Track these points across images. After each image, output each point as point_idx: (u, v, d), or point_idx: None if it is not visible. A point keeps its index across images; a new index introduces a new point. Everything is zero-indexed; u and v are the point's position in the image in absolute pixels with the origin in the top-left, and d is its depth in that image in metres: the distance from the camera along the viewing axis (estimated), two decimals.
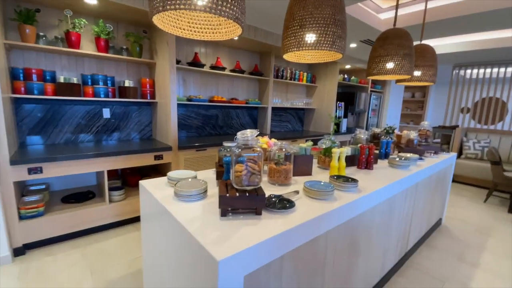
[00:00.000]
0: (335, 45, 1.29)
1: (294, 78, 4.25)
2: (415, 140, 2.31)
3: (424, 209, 2.25)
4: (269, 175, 1.39)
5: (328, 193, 1.18)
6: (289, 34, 1.35)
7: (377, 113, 5.59)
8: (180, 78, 3.15)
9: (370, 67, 2.13)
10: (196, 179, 1.19)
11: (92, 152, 2.13)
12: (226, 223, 0.91)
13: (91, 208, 2.27)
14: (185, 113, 3.27)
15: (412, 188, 1.88)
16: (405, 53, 1.99)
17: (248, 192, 0.97)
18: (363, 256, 1.48)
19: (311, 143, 1.86)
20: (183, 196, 1.07)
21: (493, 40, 3.72)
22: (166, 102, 2.60)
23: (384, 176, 1.65)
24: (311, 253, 1.06)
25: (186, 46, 3.13)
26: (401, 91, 6.04)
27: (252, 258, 0.79)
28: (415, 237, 2.20)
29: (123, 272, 1.82)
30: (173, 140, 2.61)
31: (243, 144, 1.00)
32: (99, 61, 2.59)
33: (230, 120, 3.77)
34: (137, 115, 2.89)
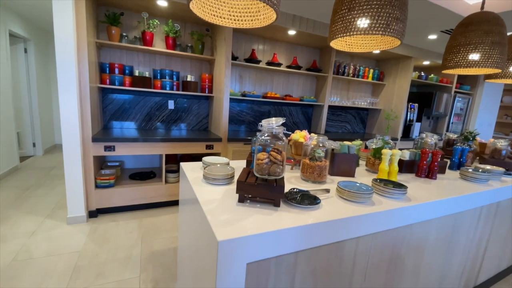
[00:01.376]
0: (390, 29, 1.12)
1: (357, 75, 3.91)
2: (504, 150, 1.84)
3: (508, 237, 1.77)
4: (302, 170, 1.32)
5: (364, 195, 1.04)
6: (336, 19, 1.24)
7: (463, 118, 4.68)
8: (236, 74, 3.28)
9: (446, 59, 1.79)
10: (225, 165, 1.21)
11: (153, 137, 2.41)
12: (241, 209, 0.90)
13: (150, 186, 2.58)
14: (239, 108, 3.39)
15: (491, 208, 1.50)
16: (494, 41, 1.60)
17: (268, 182, 0.93)
18: (409, 277, 1.26)
19: (360, 142, 1.68)
20: (209, 179, 1.11)
21: None
22: (220, 97, 2.74)
23: (449, 188, 1.37)
24: (335, 257, 0.96)
25: (244, 43, 3.23)
26: (499, 93, 4.91)
27: (257, 246, 0.76)
28: (491, 270, 1.76)
29: (166, 246, 2.01)
30: (224, 132, 2.74)
31: (268, 132, 0.96)
32: (167, 58, 2.90)
33: (282, 117, 3.73)
34: (197, 108, 3.14)
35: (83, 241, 2.01)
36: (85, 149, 2.22)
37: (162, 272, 1.73)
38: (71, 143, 2.13)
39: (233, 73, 3.25)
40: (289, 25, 2.83)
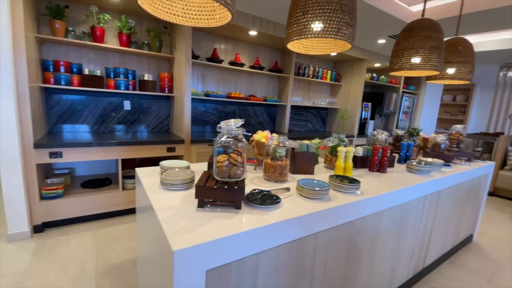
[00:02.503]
0: (341, 33, 1.19)
1: (317, 76, 4.09)
2: (442, 144, 2.07)
3: (449, 222, 2.00)
4: (264, 170, 1.33)
5: (321, 192, 1.08)
6: (292, 21, 1.27)
7: (410, 116, 5.17)
8: (198, 74, 3.19)
9: (393, 62, 1.95)
10: (184, 169, 1.17)
11: (107, 141, 2.24)
12: (200, 215, 0.87)
13: (106, 194, 2.39)
14: (204, 109, 3.31)
15: (433, 196, 1.68)
16: (433, 46, 1.78)
17: (228, 184, 0.92)
18: (365, 266, 1.34)
19: (318, 140, 1.75)
20: (167, 184, 1.06)
21: None
22: (182, 96, 2.65)
23: (397, 180, 1.49)
24: (295, 255, 0.98)
25: (206, 42, 3.16)
26: (439, 93, 5.52)
27: (217, 251, 0.74)
28: (436, 253, 1.97)
29: (124, 258, 1.88)
30: (186, 133, 2.65)
31: (227, 134, 0.95)
32: (122, 55, 2.71)
33: (248, 117, 3.74)
34: (156, 108, 2.99)
35: (27, 259, 1.78)
36: (26, 156, 1.97)
37: (120, 286, 1.61)
38: (8, 150, 1.87)
39: (194, 72, 3.16)
40: (250, 25, 2.84)
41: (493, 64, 4.60)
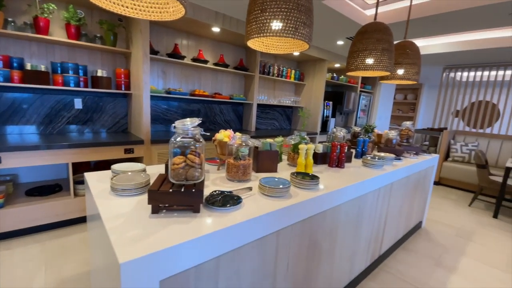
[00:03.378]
0: (298, 32, 1.21)
1: (281, 75, 4.16)
2: (394, 140, 2.23)
3: (401, 211, 2.18)
4: (227, 170, 1.30)
5: (282, 190, 1.09)
6: (250, 19, 1.25)
7: (367, 113, 5.53)
8: (159, 70, 3.04)
9: (349, 63, 2.05)
10: (138, 173, 1.10)
11: (55, 143, 2.02)
12: (155, 221, 0.82)
13: (56, 201, 2.17)
14: (166, 107, 3.17)
15: (386, 188, 1.81)
16: (384, 48, 1.91)
17: (184, 187, 0.88)
18: (326, 259, 1.40)
19: (282, 138, 1.78)
20: (118, 190, 0.98)
21: (485, 40, 3.66)
22: (140, 94, 2.50)
23: (354, 175, 1.57)
24: (257, 254, 0.98)
25: (166, 37, 3.02)
26: (392, 92, 5.99)
27: (172, 259, 0.70)
28: (390, 240, 2.13)
29: (77, 270, 1.72)
30: (146, 133, 2.51)
31: (183, 134, 0.91)
32: (71, 49, 2.47)
33: (213, 115, 3.67)
34: (112, 107, 2.78)
35: None
36: None
37: None
38: None
39: (154, 68, 3.00)
40: (212, 21, 2.77)
41: (438, 66, 5.10)
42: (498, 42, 3.51)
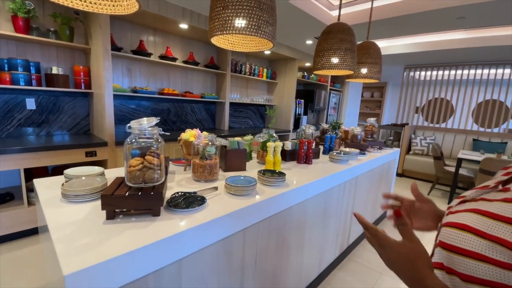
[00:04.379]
0: (261, 31, 1.20)
1: (253, 74, 4.16)
2: (359, 135, 2.34)
3: (367, 202, 2.29)
4: (193, 170, 1.27)
5: (248, 188, 1.09)
6: (213, 16, 1.23)
7: (337, 111, 5.73)
8: (123, 68, 2.89)
9: (315, 61, 2.10)
10: (93, 177, 1.03)
11: (3, 148, 1.83)
12: (109, 228, 0.77)
13: (6, 212, 1.97)
14: (133, 106, 3.02)
15: (351, 182, 1.89)
16: (347, 48, 1.98)
17: (142, 190, 0.84)
18: (295, 253, 1.42)
19: (251, 137, 1.78)
20: (69, 196, 0.91)
21: (440, 42, 3.96)
22: (101, 93, 2.35)
23: (320, 170, 1.62)
24: (223, 254, 0.97)
25: (130, 33, 2.87)
26: (359, 90, 6.27)
27: (126, 267, 0.66)
28: (357, 231, 2.23)
29: (33, 285, 1.58)
30: (110, 135, 2.37)
31: (139, 135, 0.86)
32: (19, 44, 2.25)
33: (185, 115, 3.58)
34: (71, 107, 2.59)
35: None
36: None
37: None
38: None
39: (118, 66, 2.84)
40: (179, 18, 2.69)
41: (399, 65, 5.43)
42: (451, 44, 3.82)
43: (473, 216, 0.42)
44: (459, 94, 5.02)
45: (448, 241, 0.43)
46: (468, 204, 0.47)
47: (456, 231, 0.43)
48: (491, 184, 0.48)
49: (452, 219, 0.46)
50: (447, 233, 0.44)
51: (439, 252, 0.46)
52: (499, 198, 0.42)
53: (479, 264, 0.38)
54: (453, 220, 0.45)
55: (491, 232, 0.38)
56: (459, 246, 0.41)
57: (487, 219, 0.40)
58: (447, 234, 0.44)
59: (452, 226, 0.44)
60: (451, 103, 5.19)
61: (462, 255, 0.40)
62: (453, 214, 0.47)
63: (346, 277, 1.87)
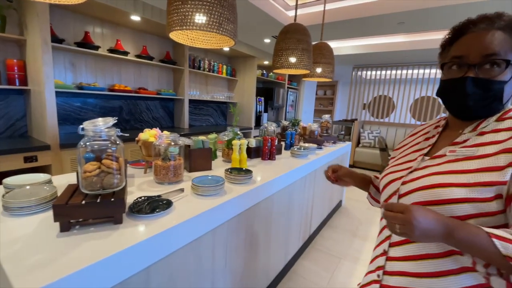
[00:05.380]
0: (222, 28, 1.20)
1: (213, 70, 4.09)
2: (316, 131, 2.49)
3: (325, 193, 2.45)
4: (155, 173, 1.22)
5: (215, 188, 1.08)
6: (171, 10, 1.18)
7: (294, 108, 5.98)
8: (66, 62, 2.59)
9: (274, 60, 2.15)
10: (40, 186, 0.92)
11: None
12: (64, 241, 0.70)
13: None
14: (78, 104, 2.73)
15: (311, 175, 2.00)
16: (304, 48, 2.07)
17: (101, 197, 0.78)
18: (263, 248, 1.47)
19: (215, 135, 1.76)
20: (12, 209, 0.80)
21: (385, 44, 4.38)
22: (41, 90, 2.08)
23: (284, 165, 1.69)
24: (193, 256, 0.95)
25: (73, 23, 2.58)
26: (314, 88, 6.62)
27: (87, 282, 0.62)
28: (318, 220, 2.38)
29: None
30: (53, 137, 2.12)
31: (96, 137, 0.80)
32: None
33: (139, 113, 3.36)
34: (4, 106, 2.23)
35: None
36: None
37: None
38: None
39: (60, 59, 2.54)
40: (131, 9, 2.51)
41: (349, 65, 5.87)
42: (393, 46, 4.26)
43: (443, 176, 0.58)
44: (399, 92, 5.64)
45: (436, 198, 0.56)
46: (421, 171, 0.63)
47: (442, 189, 0.56)
48: (415, 157, 0.70)
49: (428, 182, 0.59)
50: (432, 193, 0.57)
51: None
52: (441, 161, 0.61)
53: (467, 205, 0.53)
54: (430, 183, 0.58)
55: (467, 181, 0.54)
56: (451, 198, 0.54)
57: (456, 175, 0.56)
58: (432, 194, 0.57)
59: (433, 187, 0.57)
60: (393, 100, 5.81)
61: (455, 203, 0.54)
62: (416, 180, 0.61)
63: (309, 265, 1.99)
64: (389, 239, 0.67)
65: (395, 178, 0.68)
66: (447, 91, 0.65)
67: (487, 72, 0.57)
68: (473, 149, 0.58)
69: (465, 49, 0.60)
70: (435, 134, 0.72)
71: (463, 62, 0.60)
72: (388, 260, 0.67)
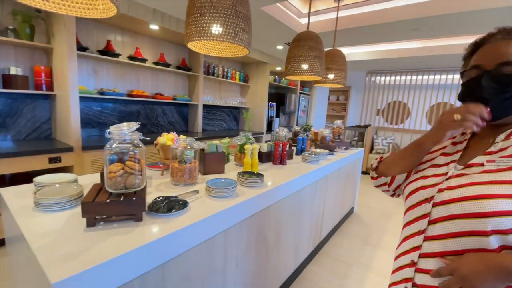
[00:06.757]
0: (237, 38, 1.26)
1: (226, 76, 4.19)
2: (327, 137, 2.50)
3: (336, 199, 2.45)
4: (172, 175, 1.28)
5: (228, 190, 1.13)
6: (190, 21, 1.25)
7: (306, 113, 5.98)
8: (89, 68, 2.74)
9: (287, 67, 2.20)
10: (68, 184, 1.00)
11: None
12: (90, 235, 0.76)
13: None
14: (99, 109, 2.87)
15: (322, 180, 2.01)
16: (316, 55, 2.11)
17: (124, 196, 0.84)
18: (273, 251, 1.49)
19: (228, 140, 1.82)
20: (44, 205, 0.87)
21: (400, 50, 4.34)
22: (66, 95, 2.21)
23: (295, 170, 1.71)
24: (206, 255, 1.00)
25: (96, 32, 2.74)
26: (326, 94, 6.61)
27: (110, 274, 0.67)
28: (329, 226, 2.38)
29: None
30: (76, 139, 2.24)
31: (120, 140, 0.86)
32: None
33: (156, 117, 3.49)
34: (31, 110, 2.39)
35: None
36: None
37: None
38: None
39: (84, 66, 2.69)
40: (149, 19, 2.63)
41: (362, 71, 5.84)
42: (407, 52, 4.21)
43: (486, 186, 0.54)
44: (414, 98, 5.54)
45: (481, 210, 0.52)
46: (459, 179, 0.60)
47: (487, 200, 0.52)
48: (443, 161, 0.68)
49: (470, 193, 0.55)
50: (475, 204, 0.53)
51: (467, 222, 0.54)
52: (479, 171, 0.58)
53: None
54: (473, 194, 0.55)
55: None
56: (497, 210, 0.51)
57: (502, 185, 0.53)
58: (476, 205, 0.53)
59: (478, 198, 0.53)
60: (408, 106, 5.71)
61: (501, 216, 0.50)
62: (455, 190, 0.58)
63: (319, 271, 1.98)
64: (419, 249, 0.63)
65: (427, 184, 0.64)
66: (465, 92, 0.65)
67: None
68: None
69: (483, 59, 0.62)
70: (462, 140, 0.70)
71: (480, 70, 0.62)
72: (418, 272, 0.62)
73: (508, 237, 0.51)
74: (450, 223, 0.57)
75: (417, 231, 0.64)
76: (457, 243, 0.56)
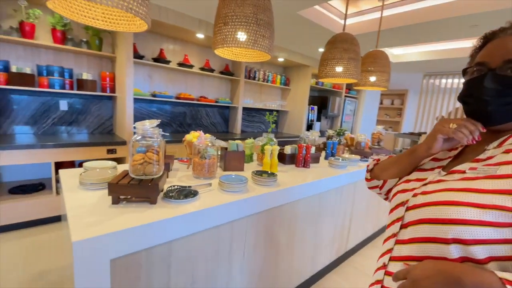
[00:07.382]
0: (257, 44, 1.33)
1: (267, 80, 4.30)
2: (362, 142, 2.37)
3: (369, 210, 2.30)
4: (193, 168, 1.42)
5: (237, 185, 1.20)
6: (216, 30, 1.38)
7: (353, 117, 5.69)
8: (145, 74, 3.15)
9: (320, 70, 2.18)
10: (106, 169, 1.20)
11: (38, 143, 2.11)
12: (114, 210, 0.92)
13: (38, 199, 2.24)
14: (152, 109, 3.27)
15: (349, 187, 1.93)
16: (350, 57, 2.04)
17: (142, 182, 0.99)
18: (285, 250, 1.51)
19: (252, 140, 1.90)
20: (86, 184, 1.08)
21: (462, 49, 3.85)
22: (123, 96, 2.60)
23: (315, 174, 1.70)
24: (211, 242, 1.09)
25: (152, 42, 3.13)
26: (377, 97, 6.18)
27: (122, 242, 0.81)
28: (358, 237, 2.25)
29: (54, 265, 1.80)
30: (129, 134, 2.61)
31: (143, 134, 1.02)
32: (56, 53, 2.56)
33: (199, 118, 3.79)
34: (97, 109, 2.87)
35: None
36: None
37: None
38: None
39: (141, 72, 3.11)
40: (196, 28, 2.90)
41: (418, 73, 5.30)
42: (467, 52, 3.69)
43: (456, 193, 0.51)
44: None
45: (444, 216, 0.50)
46: (435, 185, 0.57)
47: (452, 207, 0.50)
48: (431, 166, 0.66)
49: (439, 198, 0.53)
50: (440, 210, 0.51)
51: (429, 228, 0.52)
52: (458, 178, 0.55)
53: (478, 228, 0.46)
54: (441, 199, 0.52)
55: (483, 202, 0.47)
56: (460, 218, 0.48)
57: (471, 193, 0.50)
58: (441, 211, 0.51)
59: (443, 204, 0.51)
60: None
61: (463, 225, 0.47)
62: (428, 194, 0.56)
63: (340, 281, 1.91)
64: (390, 252, 0.63)
65: (407, 188, 0.64)
66: (466, 93, 0.60)
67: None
68: (495, 168, 0.52)
69: (489, 55, 0.57)
70: (458, 146, 0.66)
71: (484, 68, 0.56)
72: (387, 275, 0.63)
73: (468, 248, 0.47)
74: (418, 227, 0.55)
75: (391, 234, 0.63)
76: (422, 248, 0.53)
